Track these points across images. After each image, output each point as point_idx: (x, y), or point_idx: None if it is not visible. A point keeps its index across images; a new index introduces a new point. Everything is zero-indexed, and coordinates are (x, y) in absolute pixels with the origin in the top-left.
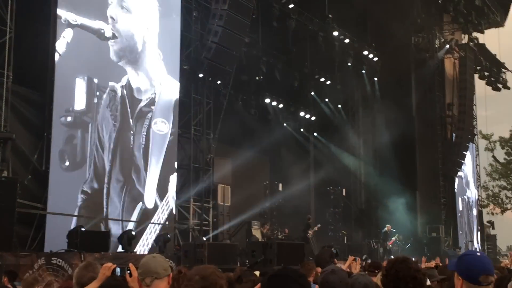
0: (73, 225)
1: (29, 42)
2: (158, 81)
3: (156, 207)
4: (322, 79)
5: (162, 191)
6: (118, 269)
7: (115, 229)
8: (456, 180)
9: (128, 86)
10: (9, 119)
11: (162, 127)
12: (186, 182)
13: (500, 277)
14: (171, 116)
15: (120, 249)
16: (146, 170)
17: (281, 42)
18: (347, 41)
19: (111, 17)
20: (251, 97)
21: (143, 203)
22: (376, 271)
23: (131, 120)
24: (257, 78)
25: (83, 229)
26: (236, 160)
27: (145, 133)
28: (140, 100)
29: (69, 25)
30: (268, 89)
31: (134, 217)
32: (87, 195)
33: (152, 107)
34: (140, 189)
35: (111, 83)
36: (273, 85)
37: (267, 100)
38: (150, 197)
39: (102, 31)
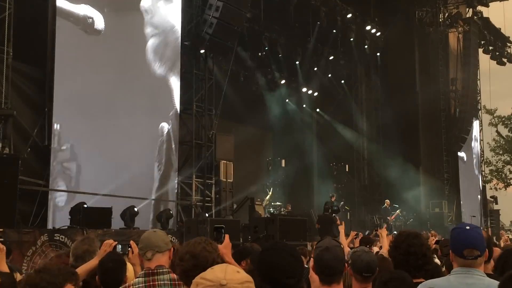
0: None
1: (29, 18)
2: None
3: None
4: (325, 55)
5: None
6: (119, 246)
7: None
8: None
9: None
10: (9, 95)
11: None
12: (188, 159)
13: (502, 254)
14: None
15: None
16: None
17: (283, 17)
18: (349, 15)
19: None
20: (253, 73)
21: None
22: (368, 246)
23: None
24: (259, 53)
25: (85, 206)
26: (239, 136)
27: None
28: None
29: None
30: (270, 64)
31: None
32: None
33: None
34: None
35: None
36: (275, 60)
37: (270, 76)
38: None
39: (90, 20)
